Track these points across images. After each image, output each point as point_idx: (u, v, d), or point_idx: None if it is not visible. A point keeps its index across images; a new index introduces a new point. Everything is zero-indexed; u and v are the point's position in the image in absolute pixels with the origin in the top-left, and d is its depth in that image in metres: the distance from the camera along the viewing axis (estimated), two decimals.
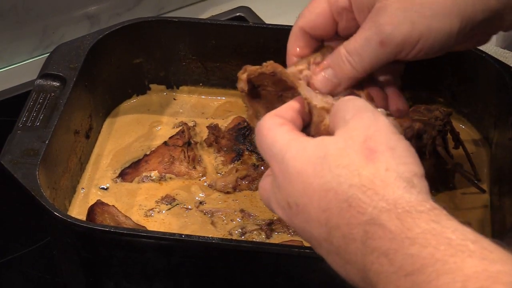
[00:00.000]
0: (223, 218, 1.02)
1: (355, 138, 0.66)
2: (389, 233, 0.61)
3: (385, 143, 0.66)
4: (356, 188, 0.63)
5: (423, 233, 0.59)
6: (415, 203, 0.62)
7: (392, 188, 0.63)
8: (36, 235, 1.09)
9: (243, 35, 1.14)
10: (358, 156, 0.65)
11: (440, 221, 0.60)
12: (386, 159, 0.65)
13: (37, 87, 1.03)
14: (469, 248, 0.58)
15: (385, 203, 0.62)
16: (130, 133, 1.14)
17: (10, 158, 0.93)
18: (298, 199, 0.67)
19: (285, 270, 0.88)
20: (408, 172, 0.64)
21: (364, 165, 0.64)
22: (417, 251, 0.59)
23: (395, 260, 0.60)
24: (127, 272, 0.92)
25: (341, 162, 0.65)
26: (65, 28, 1.35)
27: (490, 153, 1.09)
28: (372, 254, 0.61)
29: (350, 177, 0.64)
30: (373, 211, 0.62)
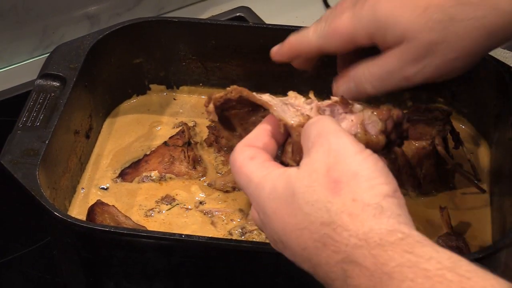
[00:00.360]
0: (223, 218, 1.02)
1: (318, 170, 0.66)
2: (366, 271, 0.60)
3: (347, 169, 0.65)
4: (326, 226, 0.64)
5: (398, 267, 0.59)
6: (385, 233, 0.61)
7: (361, 221, 0.62)
8: (36, 235, 1.09)
9: (243, 35, 1.14)
10: (324, 190, 0.65)
11: (414, 251, 0.60)
12: (351, 188, 0.64)
13: (37, 87, 1.03)
14: (446, 278, 0.57)
15: (356, 239, 0.62)
16: (130, 133, 1.14)
17: (10, 158, 0.93)
18: (281, 237, 0.69)
19: (285, 270, 0.88)
20: (376, 197, 0.64)
21: (331, 199, 0.64)
22: (395, 286, 0.58)
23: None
24: (127, 272, 0.92)
25: (310, 199, 0.65)
26: (65, 28, 1.35)
27: (490, 153, 1.09)
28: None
29: (320, 214, 0.64)
30: (346, 248, 0.62)
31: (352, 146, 0.67)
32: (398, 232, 0.61)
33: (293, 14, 1.42)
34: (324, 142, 0.68)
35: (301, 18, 1.41)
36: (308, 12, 1.43)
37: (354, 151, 0.67)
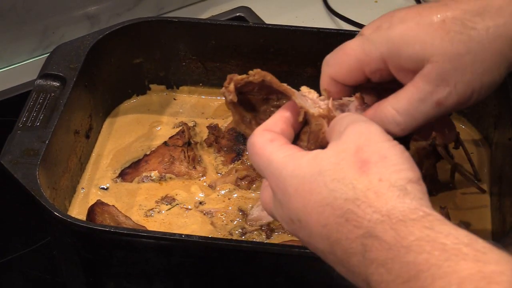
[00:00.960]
0: (222, 218, 1.02)
1: (347, 150, 0.67)
2: (385, 244, 0.62)
3: (377, 152, 0.67)
4: (350, 202, 0.65)
5: (417, 240, 0.60)
6: (408, 211, 0.63)
7: (385, 199, 0.64)
8: (36, 235, 1.08)
9: (243, 35, 1.14)
10: (352, 169, 0.66)
11: (434, 227, 0.61)
12: (378, 169, 0.65)
13: (37, 87, 1.03)
14: (462, 252, 0.58)
15: (379, 214, 0.63)
16: (130, 133, 1.14)
17: (10, 158, 0.93)
18: (299, 215, 0.69)
19: (285, 270, 0.88)
20: (402, 180, 0.65)
21: (358, 177, 0.65)
22: (412, 258, 0.60)
23: (392, 269, 0.61)
24: (127, 272, 0.92)
25: (336, 176, 0.66)
26: (65, 28, 1.35)
27: (490, 153, 1.09)
28: (371, 265, 0.63)
29: (345, 191, 0.65)
30: (368, 224, 0.63)
31: (382, 134, 0.69)
32: (420, 211, 0.63)
33: (293, 14, 1.42)
34: (356, 127, 0.69)
35: (301, 18, 1.41)
36: (308, 12, 1.43)
37: (384, 137, 0.68)
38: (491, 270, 0.57)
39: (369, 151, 0.67)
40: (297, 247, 0.87)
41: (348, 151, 0.67)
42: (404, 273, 0.60)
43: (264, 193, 0.75)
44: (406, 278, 0.60)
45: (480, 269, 0.57)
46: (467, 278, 0.57)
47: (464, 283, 0.56)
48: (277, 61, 1.13)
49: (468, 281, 0.56)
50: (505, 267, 0.57)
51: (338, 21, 1.40)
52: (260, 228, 1.00)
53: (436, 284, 0.57)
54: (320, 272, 0.86)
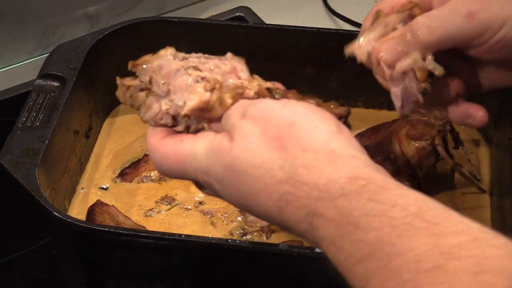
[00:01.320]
0: (222, 219, 1.01)
1: (251, 133, 0.64)
2: (331, 222, 0.59)
3: (282, 123, 0.63)
4: (284, 183, 0.61)
5: (363, 216, 0.57)
6: (346, 182, 0.59)
7: (318, 171, 0.60)
8: (36, 235, 1.08)
9: (243, 35, 1.14)
10: (268, 150, 0.62)
11: (377, 198, 0.57)
12: (294, 140, 0.62)
13: (37, 87, 1.03)
14: (414, 226, 0.55)
15: (317, 191, 0.60)
16: (129, 133, 1.14)
17: (10, 158, 0.93)
18: (240, 202, 0.66)
19: (285, 270, 0.88)
20: (323, 139, 0.62)
21: (281, 157, 0.62)
22: (362, 236, 0.57)
23: (343, 247, 0.58)
24: (127, 272, 0.91)
25: (254, 162, 0.63)
26: (65, 28, 1.35)
27: (490, 153, 1.09)
28: (322, 243, 0.60)
29: (273, 173, 0.62)
30: (309, 202, 0.60)
31: (275, 103, 0.65)
32: (359, 179, 0.59)
33: (293, 14, 1.42)
34: (245, 113, 0.65)
35: (301, 18, 1.41)
36: (308, 12, 1.43)
37: (277, 106, 0.65)
38: (448, 243, 0.53)
39: (273, 126, 0.63)
40: (297, 247, 0.87)
41: (252, 134, 0.64)
42: (356, 252, 0.57)
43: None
44: (359, 257, 0.57)
45: (436, 243, 0.53)
46: (424, 254, 0.53)
47: (422, 260, 0.53)
48: (277, 61, 1.13)
49: (426, 258, 0.53)
50: (462, 238, 0.54)
51: (338, 21, 1.40)
52: (261, 229, 1.00)
53: (393, 263, 0.54)
54: (320, 272, 0.86)
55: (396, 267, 0.54)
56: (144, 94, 0.72)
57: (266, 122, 0.64)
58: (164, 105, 0.70)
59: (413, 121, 1.02)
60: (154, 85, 0.71)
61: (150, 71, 0.72)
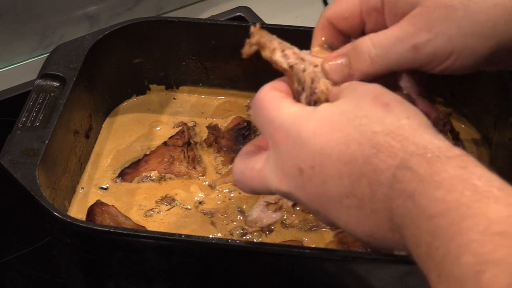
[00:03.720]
0: (222, 219, 1.02)
1: (365, 96, 0.67)
2: (417, 176, 0.61)
3: (395, 98, 0.67)
4: (383, 135, 0.64)
5: (450, 178, 0.60)
6: (444, 148, 0.62)
7: (420, 134, 0.64)
8: (36, 235, 1.08)
9: (243, 35, 1.13)
10: (374, 108, 0.66)
11: (467, 167, 0.61)
12: (402, 109, 0.66)
13: (37, 87, 1.03)
14: (494, 195, 0.58)
15: (415, 147, 0.63)
16: (130, 133, 1.14)
17: (9, 158, 0.93)
18: (315, 159, 0.67)
19: (285, 270, 0.88)
20: (427, 121, 0.66)
21: (384, 115, 0.65)
22: (442, 195, 0.59)
23: (420, 202, 0.60)
24: (127, 272, 0.91)
25: (359, 113, 0.66)
26: (65, 28, 1.35)
27: (490, 153, 1.09)
28: (399, 197, 0.62)
29: (373, 125, 0.65)
30: (404, 155, 0.63)
31: None
32: (456, 150, 0.63)
33: (293, 14, 1.42)
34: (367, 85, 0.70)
35: (301, 18, 1.41)
36: (308, 12, 1.43)
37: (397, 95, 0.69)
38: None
39: (386, 97, 0.67)
40: (297, 247, 0.87)
41: (365, 97, 0.67)
42: (431, 207, 0.59)
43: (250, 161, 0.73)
44: (433, 214, 0.59)
45: (510, 213, 0.56)
46: (496, 220, 0.56)
47: (493, 224, 0.56)
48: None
49: (497, 224, 0.56)
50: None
51: None
52: (261, 229, 1.00)
53: (464, 223, 0.57)
54: (320, 272, 0.86)
55: (466, 227, 0.57)
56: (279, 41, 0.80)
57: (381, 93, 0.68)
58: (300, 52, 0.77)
59: None
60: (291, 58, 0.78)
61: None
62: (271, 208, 1.01)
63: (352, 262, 0.83)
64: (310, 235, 0.99)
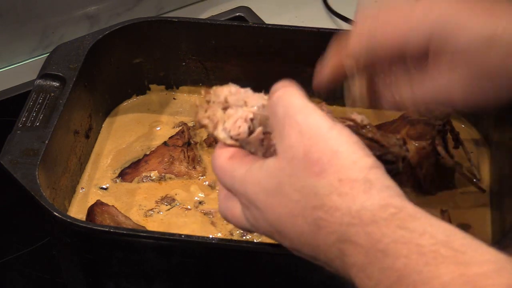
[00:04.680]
0: (222, 218, 1.01)
1: (296, 156, 0.65)
2: (361, 249, 0.60)
3: (325, 148, 0.65)
4: (318, 209, 0.63)
5: (393, 243, 0.59)
6: (377, 209, 0.61)
7: (351, 199, 0.62)
8: (36, 235, 1.08)
9: (243, 35, 1.14)
10: (308, 176, 0.64)
11: (407, 226, 0.59)
12: (334, 168, 0.64)
13: (37, 87, 1.03)
14: (441, 254, 0.57)
15: (349, 217, 0.62)
16: (130, 133, 1.14)
17: (9, 158, 0.93)
18: (277, 227, 0.68)
19: (285, 270, 0.88)
20: (361, 171, 0.63)
21: (317, 183, 0.64)
22: (390, 263, 0.58)
23: (372, 274, 0.60)
24: (127, 272, 0.91)
25: (295, 187, 0.65)
26: (65, 28, 1.35)
27: (490, 153, 1.09)
28: (352, 269, 0.62)
29: (309, 199, 0.64)
30: (340, 228, 0.62)
31: (323, 122, 0.66)
32: (391, 207, 0.61)
33: (293, 14, 1.42)
34: (293, 123, 0.67)
35: (301, 18, 1.41)
36: (308, 12, 1.43)
37: (326, 127, 0.66)
38: (473, 272, 0.55)
39: (317, 150, 0.65)
40: None
41: (297, 156, 0.65)
42: (385, 279, 0.59)
43: (228, 206, 0.74)
44: (387, 284, 0.58)
45: (462, 272, 0.55)
46: (450, 283, 0.55)
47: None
48: (277, 61, 1.13)
49: (452, 287, 0.55)
50: (487, 267, 0.55)
51: (338, 21, 1.40)
52: None
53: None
54: (320, 272, 0.86)
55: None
56: (221, 112, 0.77)
57: (311, 143, 0.65)
58: (244, 113, 0.75)
59: (413, 121, 1.02)
60: (231, 101, 0.76)
61: (223, 94, 0.77)
62: None
63: None
64: None
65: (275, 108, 0.69)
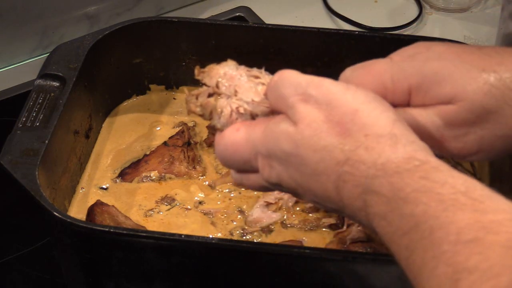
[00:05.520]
0: (222, 219, 1.01)
1: (316, 120, 0.66)
2: (384, 198, 0.62)
3: (346, 109, 0.66)
4: (343, 165, 0.65)
5: (414, 192, 0.60)
6: (402, 162, 0.62)
7: (378, 152, 0.63)
8: (36, 235, 1.08)
9: (243, 35, 1.14)
10: (331, 136, 0.65)
11: (429, 177, 0.61)
12: (358, 126, 0.65)
13: (37, 87, 1.03)
14: (460, 202, 0.59)
15: (374, 169, 0.63)
16: (130, 133, 1.14)
17: (9, 158, 0.93)
18: (299, 183, 0.69)
19: (285, 270, 0.88)
20: (386, 126, 0.65)
21: (342, 141, 0.65)
22: (410, 210, 0.60)
23: (392, 221, 0.61)
24: (127, 272, 0.91)
25: (317, 147, 0.66)
26: (65, 28, 1.35)
27: None
28: (374, 219, 0.63)
29: (333, 156, 0.65)
30: (366, 180, 0.63)
31: (335, 87, 0.67)
32: (415, 160, 0.62)
33: (293, 14, 1.42)
34: (307, 97, 0.68)
35: (301, 18, 1.41)
36: (308, 12, 1.43)
37: (341, 91, 0.67)
38: (489, 219, 0.57)
39: (338, 113, 0.66)
40: (297, 247, 0.87)
41: (317, 120, 0.66)
42: (403, 224, 0.60)
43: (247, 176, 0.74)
44: (406, 230, 0.60)
45: (477, 219, 0.57)
46: (465, 228, 0.57)
47: (463, 232, 0.56)
48: (277, 61, 1.13)
49: (467, 231, 0.56)
50: (502, 216, 0.57)
51: (338, 21, 1.40)
52: (261, 229, 1.00)
53: (435, 234, 0.58)
54: (320, 272, 0.86)
55: (437, 238, 0.58)
56: (213, 99, 0.77)
57: (330, 108, 0.66)
58: (234, 104, 0.74)
59: None
60: (222, 87, 0.76)
61: (216, 76, 0.77)
62: (271, 208, 1.01)
63: (352, 262, 0.83)
64: (310, 235, 0.99)
65: (280, 91, 0.70)
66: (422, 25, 1.39)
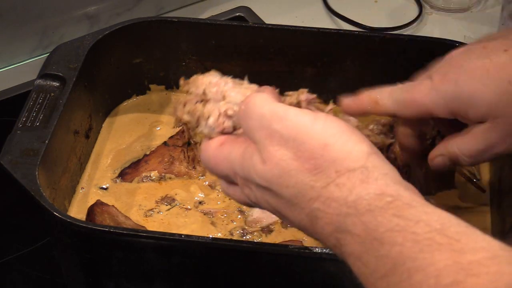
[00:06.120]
0: (222, 219, 1.01)
1: (284, 158, 0.65)
2: (357, 238, 0.61)
3: (315, 145, 0.64)
4: (314, 201, 0.64)
5: (388, 232, 0.59)
6: (373, 199, 0.61)
7: (348, 189, 0.62)
8: (36, 235, 1.08)
9: (243, 35, 1.14)
10: (302, 173, 0.64)
11: (402, 214, 0.59)
12: (329, 162, 0.64)
13: (37, 87, 1.03)
14: (435, 241, 0.57)
15: (345, 207, 0.62)
16: (130, 133, 1.14)
17: (9, 158, 0.93)
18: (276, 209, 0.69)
19: (285, 270, 0.88)
20: (358, 160, 0.63)
21: (313, 178, 0.64)
22: (386, 251, 0.58)
23: (368, 262, 0.60)
24: (127, 272, 0.91)
25: (288, 183, 0.65)
26: (65, 28, 1.35)
27: None
28: (349, 258, 0.62)
29: (305, 193, 0.64)
30: (338, 218, 0.62)
31: (303, 118, 0.66)
32: (386, 196, 0.61)
33: (293, 14, 1.42)
34: (273, 133, 0.66)
35: (301, 18, 1.41)
36: (308, 12, 1.43)
37: (308, 122, 0.65)
38: (467, 260, 0.55)
39: (307, 148, 0.64)
40: (297, 247, 0.87)
41: (285, 159, 0.65)
42: (380, 267, 0.59)
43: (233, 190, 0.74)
44: (383, 273, 0.58)
45: (456, 260, 0.55)
46: (444, 270, 0.55)
47: (442, 275, 0.55)
48: (277, 61, 1.13)
49: (446, 274, 0.55)
50: (481, 254, 0.55)
51: (338, 21, 1.40)
52: (261, 229, 1.00)
53: (413, 278, 0.56)
54: (320, 272, 0.86)
55: (416, 282, 0.56)
56: (201, 105, 0.76)
57: (297, 144, 0.65)
58: (223, 107, 0.74)
59: None
60: (209, 94, 0.76)
61: (202, 86, 0.77)
62: None
63: None
64: None
65: (247, 122, 0.69)
66: (422, 25, 1.39)
